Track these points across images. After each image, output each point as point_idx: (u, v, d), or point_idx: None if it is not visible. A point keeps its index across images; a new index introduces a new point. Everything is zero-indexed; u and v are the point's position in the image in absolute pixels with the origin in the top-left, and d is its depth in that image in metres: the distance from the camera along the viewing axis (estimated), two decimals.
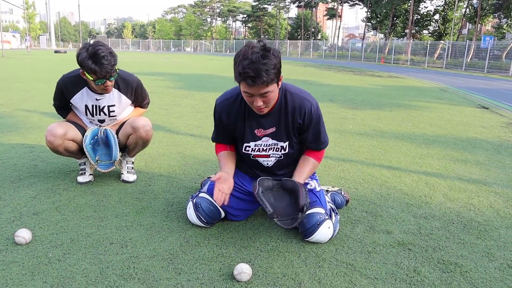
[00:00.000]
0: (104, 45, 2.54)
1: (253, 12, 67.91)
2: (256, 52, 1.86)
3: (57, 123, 2.77)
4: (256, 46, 1.89)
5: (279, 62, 1.94)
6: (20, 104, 6.49)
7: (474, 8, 38.26)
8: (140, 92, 2.95)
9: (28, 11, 56.82)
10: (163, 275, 1.83)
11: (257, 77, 1.86)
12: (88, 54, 2.47)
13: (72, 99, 2.78)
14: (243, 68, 1.86)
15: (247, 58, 1.86)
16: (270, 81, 1.90)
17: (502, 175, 3.54)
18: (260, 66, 1.85)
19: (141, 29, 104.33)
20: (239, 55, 1.91)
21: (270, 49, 1.90)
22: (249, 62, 1.85)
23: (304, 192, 2.09)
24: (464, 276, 1.92)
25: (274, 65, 1.89)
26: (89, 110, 2.81)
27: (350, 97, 8.91)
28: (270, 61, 1.87)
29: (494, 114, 7.39)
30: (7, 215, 2.37)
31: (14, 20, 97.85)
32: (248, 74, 1.86)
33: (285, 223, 2.03)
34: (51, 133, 2.68)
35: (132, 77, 2.87)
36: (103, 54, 2.47)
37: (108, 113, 2.85)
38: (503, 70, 25.28)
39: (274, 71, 1.89)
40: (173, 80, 12.02)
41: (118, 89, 2.80)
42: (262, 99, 1.98)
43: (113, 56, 2.55)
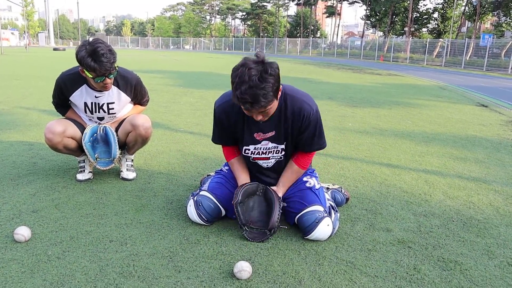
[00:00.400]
0: (103, 43, 2.52)
1: (252, 10, 67.78)
2: (254, 74, 1.81)
3: (56, 120, 2.76)
4: (253, 67, 1.83)
5: (277, 79, 1.89)
6: (19, 101, 6.48)
7: (473, 6, 38.23)
8: (140, 90, 2.93)
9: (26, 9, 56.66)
10: (163, 273, 1.82)
11: (255, 103, 1.86)
12: (87, 51, 2.45)
13: (71, 96, 2.75)
14: (241, 94, 1.83)
15: (245, 82, 1.82)
16: (268, 103, 1.89)
17: (502, 173, 3.55)
18: (257, 91, 1.82)
19: (140, 27, 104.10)
20: (236, 76, 1.86)
21: (267, 69, 1.84)
22: (246, 88, 1.81)
23: (277, 214, 2.14)
24: (464, 274, 1.92)
25: (272, 85, 1.86)
26: (88, 107, 2.79)
27: (349, 95, 8.91)
28: (268, 84, 1.84)
29: (493, 112, 7.40)
30: (6, 213, 2.36)
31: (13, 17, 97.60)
32: (246, 100, 1.85)
33: (253, 235, 2.13)
34: (50, 131, 2.67)
35: (131, 75, 2.86)
36: (102, 52, 2.45)
37: (108, 111, 2.83)
38: (502, 68, 25.28)
39: (272, 92, 1.87)
40: (172, 77, 12.00)
41: (118, 87, 2.78)
42: (261, 114, 1.99)
43: (113, 54, 2.53)
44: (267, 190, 2.26)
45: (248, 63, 1.85)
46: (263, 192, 2.27)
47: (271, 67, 1.86)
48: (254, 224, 2.17)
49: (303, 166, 2.30)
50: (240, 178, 2.33)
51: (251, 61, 1.85)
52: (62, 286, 1.71)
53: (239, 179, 2.33)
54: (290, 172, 2.31)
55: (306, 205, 2.20)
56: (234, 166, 2.36)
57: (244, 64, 1.85)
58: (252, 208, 2.23)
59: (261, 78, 1.82)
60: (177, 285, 1.74)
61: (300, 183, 2.34)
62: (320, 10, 68.51)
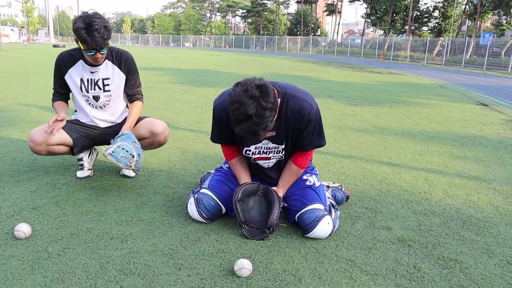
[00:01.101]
0: (101, 18, 2.52)
1: (252, 7, 67.66)
2: (250, 113, 1.77)
3: (40, 128, 2.70)
4: (249, 104, 1.77)
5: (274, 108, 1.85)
6: (19, 98, 6.47)
7: (474, 5, 38.18)
8: (134, 68, 2.90)
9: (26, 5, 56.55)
10: (163, 270, 1.83)
11: (255, 136, 1.89)
12: (83, 23, 2.46)
13: (68, 73, 2.76)
14: (241, 130, 1.84)
15: (243, 120, 1.79)
16: (268, 130, 1.91)
17: (502, 172, 3.55)
18: (256, 128, 1.82)
19: (140, 24, 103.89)
20: (233, 112, 1.82)
21: (263, 104, 1.78)
22: (245, 126, 1.81)
23: (276, 212, 2.14)
24: (464, 273, 1.92)
25: (271, 117, 1.85)
26: (84, 84, 2.77)
27: (349, 93, 8.90)
28: (265, 119, 1.81)
29: (493, 111, 7.40)
30: (7, 210, 2.37)
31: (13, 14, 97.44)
32: (247, 136, 1.91)
33: (252, 233, 2.14)
34: (31, 139, 2.65)
35: (125, 51, 2.88)
36: (96, 27, 2.45)
37: (103, 87, 2.80)
38: (502, 67, 25.26)
39: (271, 122, 1.88)
40: (173, 75, 11.98)
41: (112, 61, 2.80)
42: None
43: (107, 30, 2.52)
44: (267, 190, 2.26)
45: (243, 100, 1.78)
46: (264, 193, 2.27)
47: (267, 100, 1.80)
48: (254, 224, 2.17)
49: (302, 166, 2.29)
50: (241, 178, 2.33)
51: (247, 97, 1.78)
52: (63, 283, 1.71)
53: (241, 179, 2.33)
54: (289, 173, 2.31)
55: (307, 203, 2.20)
56: (235, 166, 2.36)
57: (239, 101, 1.78)
58: (252, 207, 2.23)
59: (259, 115, 1.79)
60: (178, 283, 1.75)
61: (300, 181, 2.34)
62: (321, 8, 68.39)
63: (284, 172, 2.32)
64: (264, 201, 2.25)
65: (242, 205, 2.20)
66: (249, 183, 2.27)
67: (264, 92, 1.81)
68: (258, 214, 2.21)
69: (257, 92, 1.79)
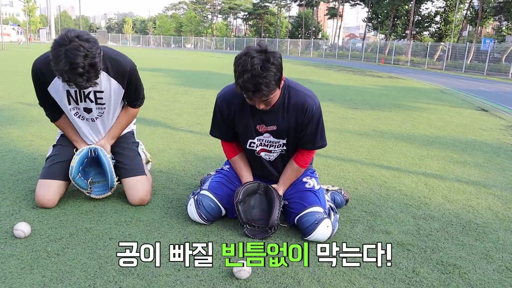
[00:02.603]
0: (82, 47, 1.94)
1: (254, 10, 67.73)
2: (256, 63, 1.82)
3: (43, 187, 2.40)
4: (256, 55, 1.84)
5: (279, 68, 1.91)
6: (20, 97, 6.47)
7: (475, 11, 38.27)
8: (135, 80, 2.43)
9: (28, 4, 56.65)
10: (162, 271, 1.83)
11: (257, 91, 1.87)
12: (62, 63, 1.93)
13: (50, 86, 2.28)
14: (243, 82, 1.85)
15: (247, 70, 1.83)
16: (270, 92, 1.90)
17: (501, 177, 3.55)
18: (260, 80, 1.83)
19: (142, 25, 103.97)
20: (239, 65, 1.87)
21: (270, 58, 1.85)
22: (249, 76, 1.83)
23: (277, 212, 2.16)
24: (463, 278, 1.92)
25: (274, 75, 1.87)
26: (72, 96, 2.32)
27: (350, 97, 8.91)
28: (270, 73, 1.85)
29: (493, 116, 7.40)
30: (6, 208, 2.37)
31: (14, 13, 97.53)
32: (248, 89, 1.87)
33: (254, 232, 2.15)
34: (40, 200, 2.37)
35: (125, 59, 2.36)
36: (80, 71, 1.96)
37: (95, 100, 2.36)
38: (503, 72, 25.28)
39: (274, 81, 1.88)
40: (173, 76, 12.00)
41: (107, 72, 2.29)
42: (263, 103, 2.00)
43: (95, 69, 2.02)
44: (268, 188, 2.27)
45: (250, 52, 1.86)
46: (264, 191, 2.28)
47: (273, 56, 1.87)
48: (256, 222, 2.19)
49: (303, 165, 2.31)
50: (243, 176, 2.35)
51: (254, 50, 1.87)
52: (62, 282, 1.71)
53: (242, 177, 2.35)
54: (290, 171, 2.32)
55: (306, 206, 2.21)
56: (236, 164, 2.37)
57: (247, 53, 1.87)
58: (253, 206, 2.24)
59: (264, 67, 1.83)
60: (176, 284, 1.75)
61: (300, 184, 2.34)
62: (322, 12, 68.46)
63: (285, 170, 2.34)
64: (265, 199, 2.27)
65: (244, 205, 2.21)
66: (249, 182, 2.28)
67: (271, 51, 1.88)
68: (259, 212, 2.23)
69: (265, 50, 1.87)
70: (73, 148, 2.54)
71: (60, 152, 2.53)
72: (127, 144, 2.67)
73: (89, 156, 2.49)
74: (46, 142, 3.83)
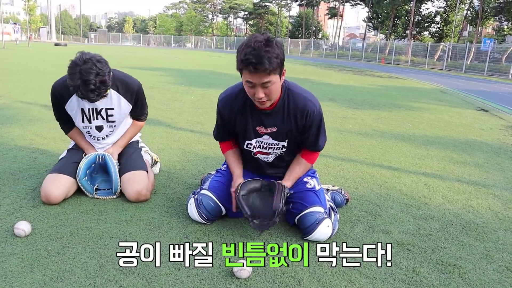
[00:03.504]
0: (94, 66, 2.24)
1: (254, 9, 67.74)
2: (259, 41, 1.86)
3: (53, 180, 2.47)
4: (260, 36, 1.89)
5: (282, 53, 1.93)
6: (20, 96, 6.47)
7: (475, 11, 38.26)
8: (141, 98, 2.70)
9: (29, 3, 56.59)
10: (163, 271, 1.83)
11: (258, 64, 1.84)
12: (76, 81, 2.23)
13: (67, 104, 2.54)
14: (245, 55, 1.86)
15: (250, 46, 1.86)
16: (272, 69, 1.88)
17: (501, 177, 3.55)
18: (262, 53, 1.84)
19: (142, 24, 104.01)
20: (242, 44, 1.92)
21: (273, 40, 1.89)
22: (251, 50, 1.85)
23: (279, 197, 2.13)
24: (463, 278, 1.92)
25: (277, 55, 1.88)
26: (85, 114, 2.58)
27: (350, 97, 8.91)
28: (273, 50, 1.87)
29: (494, 116, 7.41)
30: (7, 207, 2.37)
31: (15, 11, 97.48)
32: (250, 60, 1.84)
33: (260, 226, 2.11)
34: (46, 196, 2.42)
35: (132, 80, 2.65)
36: (92, 88, 2.24)
37: (106, 117, 2.62)
38: (503, 73, 25.28)
39: (276, 61, 1.88)
40: (174, 75, 12.00)
41: (117, 91, 2.57)
42: (263, 90, 1.95)
43: (105, 85, 2.31)
44: (270, 184, 2.25)
45: (254, 34, 1.92)
46: (268, 188, 2.26)
47: (277, 41, 1.92)
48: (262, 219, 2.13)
49: (311, 161, 2.34)
50: (234, 171, 2.34)
51: (257, 35, 1.92)
52: (62, 281, 1.71)
53: (233, 172, 2.34)
54: (298, 166, 2.32)
55: (307, 206, 2.21)
56: (229, 157, 2.39)
57: (251, 35, 1.92)
58: (258, 202, 2.20)
59: (267, 44, 1.86)
60: (177, 283, 1.75)
61: (301, 184, 2.34)
62: (322, 11, 68.48)
63: (293, 165, 2.33)
64: (269, 195, 2.23)
65: (247, 200, 2.18)
66: (250, 180, 2.26)
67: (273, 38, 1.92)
68: (265, 207, 2.17)
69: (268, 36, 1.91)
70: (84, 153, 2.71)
71: (74, 154, 2.69)
72: (130, 148, 2.84)
73: (96, 162, 2.62)
74: (46, 141, 3.83)
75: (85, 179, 2.55)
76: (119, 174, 2.61)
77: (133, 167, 2.64)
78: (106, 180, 2.64)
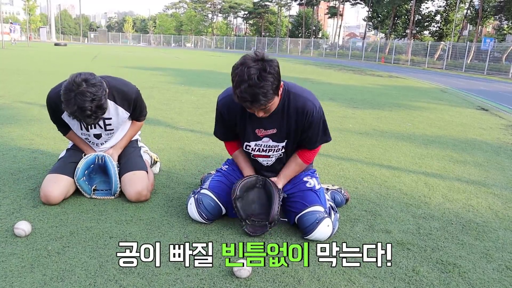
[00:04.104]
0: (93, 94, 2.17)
1: (254, 9, 67.70)
2: (253, 73, 1.82)
3: (53, 181, 2.46)
4: (252, 65, 1.83)
5: (277, 77, 1.90)
6: (20, 96, 6.47)
7: (475, 10, 38.25)
8: (139, 104, 2.67)
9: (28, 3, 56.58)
10: (163, 270, 1.83)
11: (254, 102, 1.87)
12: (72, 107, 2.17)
13: (63, 114, 2.47)
14: (241, 93, 1.85)
15: (244, 81, 1.83)
16: (268, 101, 1.90)
17: (501, 177, 3.55)
18: (257, 90, 1.83)
19: (142, 24, 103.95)
20: (236, 75, 1.87)
21: (266, 67, 1.84)
22: (246, 87, 1.83)
23: (276, 206, 2.15)
24: (463, 277, 1.92)
25: (272, 84, 1.86)
26: (83, 124, 2.52)
27: (350, 96, 8.91)
28: (267, 83, 1.84)
29: (494, 116, 7.41)
30: (7, 207, 2.37)
31: (15, 11, 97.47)
32: (246, 99, 1.86)
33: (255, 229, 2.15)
34: (45, 196, 2.41)
35: (130, 87, 2.59)
36: (88, 113, 2.19)
37: (104, 126, 2.58)
38: (503, 72, 25.26)
39: (272, 91, 1.88)
40: (174, 75, 12.00)
41: (114, 101, 2.52)
42: (262, 111, 2.00)
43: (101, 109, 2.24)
44: (266, 182, 2.27)
45: (247, 61, 1.86)
46: (263, 184, 2.28)
47: (270, 66, 1.86)
48: (256, 217, 2.18)
49: (307, 161, 2.32)
50: (244, 169, 2.36)
51: (251, 59, 1.86)
52: (62, 281, 1.72)
53: (244, 170, 2.36)
54: (293, 164, 2.32)
55: (307, 205, 2.21)
56: (238, 158, 2.39)
57: (243, 63, 1.86)
58: (252, 201, 2.24)
59: (260, 77, 1.82)
60: (177, 282, 1.75)
61: (300, 183, 2.34)
62: (322, 11, 68.43)
63: (288, 164, 2.33)
64: (264, 193, 2.27)
65: (242, 201, 2.21)
66: (247, 177, 2.28)
67: (268, 60, 1.88)
68: (259, 207, 2.22)
69: (261, 58, 1.86)
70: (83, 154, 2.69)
71: (73, 154, 2.67)
72: (130, 148, 2.82)
73: (96, 163, 2.60)
74: (46, 141, 3.83)
75: (83, 179, 2.54)
76: (119, 174, 2.61)
77: (133, 167, 2.64)
78: (105, 181, 2.64)
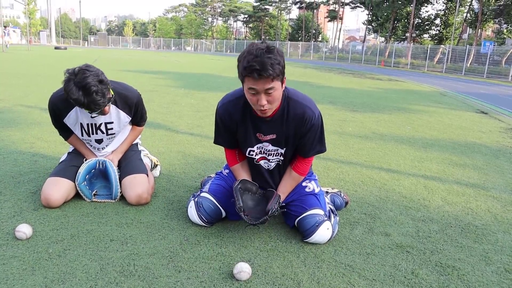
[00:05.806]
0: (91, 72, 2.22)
1: (254, 12, 67.90)
2: (261, 48, 1.88)
3: (53, 184, 2.47)
4: (260, 44, 1.92)
5: (283, 60, 1.95)
6: (21, 99, 6.49)
7: (475, 13, 38.34)
8: (141, 108, 2.70)
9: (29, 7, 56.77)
10: (163, 273, 1.84)
11: (262, 70, 1.85)
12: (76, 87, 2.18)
13: (65, 118, 2.51)
14: (248, 62, 1.87)
15: (252, 53, 1.88)
16: (275, 75, 1.89)
17: (500, 180, 3.56)
18: (265, 59, 1.86)
19: (142, 27, 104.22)
20: (244, 53, 1.93)
21: (274, 48, 1.92)
22: (254, 57, 1.86)
23: (276, 200, 2.15)
24: (462, 279, 1.93)
25: (279, 62, 1.90)
26: (84, 129, 2.57)
27: (350, 100, 8.93)
28: (275, 57, 1.89)
29: (493, 119, 7.42)
30: (8, 210, 2.38)
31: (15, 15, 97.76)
32: (254, 67, 1.85)
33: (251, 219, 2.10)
34: (46, 199, 2.42)
35: (131, 92, 2.62)
36: (94, 89, 2.19)
37: (106, 131, 2.61)
38: (503, 75, 25.32)
39: (279, 67, 1.90)
40: (174, 79, 12.02)
41: (116, 105, 2.55)
42: (266, 97, 1.95)
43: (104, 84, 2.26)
44: (266, 192, 2.28)
45: (254, 42, 1.95)
46: (262, 194, 2.28)
47: (277, 49, 1.94)
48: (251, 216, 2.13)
49: (302, 173, 2.30)
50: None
51: (257, 43, 1.94)
52: (63, 284, 1.72)
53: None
54: (289, 179, 2.32)
55: (307, 208, 2.22)
56: (237, 171, 2.36)
57: (251, 44, 1.94)
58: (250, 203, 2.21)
59: (268, 51, 1.88)
60: (177, 285, 1.76)
61: (300, 188, 2.35)
62: (322, 14, 68.54)
63: (284, 179, 2.33)
64: (263, 201, 2.25)
65: (242, 194, 2.19)
66: (250, 181, 2.28)
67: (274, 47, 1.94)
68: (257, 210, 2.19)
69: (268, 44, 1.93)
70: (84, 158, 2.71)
71: (74, 158, 2.69)
72: (130, 151, 2.84)
73: (96, 168, 2.61)
74: (47, 144, 3.84)
75: (84, 184, 2.55)
76: (120, 178, 2.63)
77: (133, 171, 2.65)
78: (105, 186, 2.65)
